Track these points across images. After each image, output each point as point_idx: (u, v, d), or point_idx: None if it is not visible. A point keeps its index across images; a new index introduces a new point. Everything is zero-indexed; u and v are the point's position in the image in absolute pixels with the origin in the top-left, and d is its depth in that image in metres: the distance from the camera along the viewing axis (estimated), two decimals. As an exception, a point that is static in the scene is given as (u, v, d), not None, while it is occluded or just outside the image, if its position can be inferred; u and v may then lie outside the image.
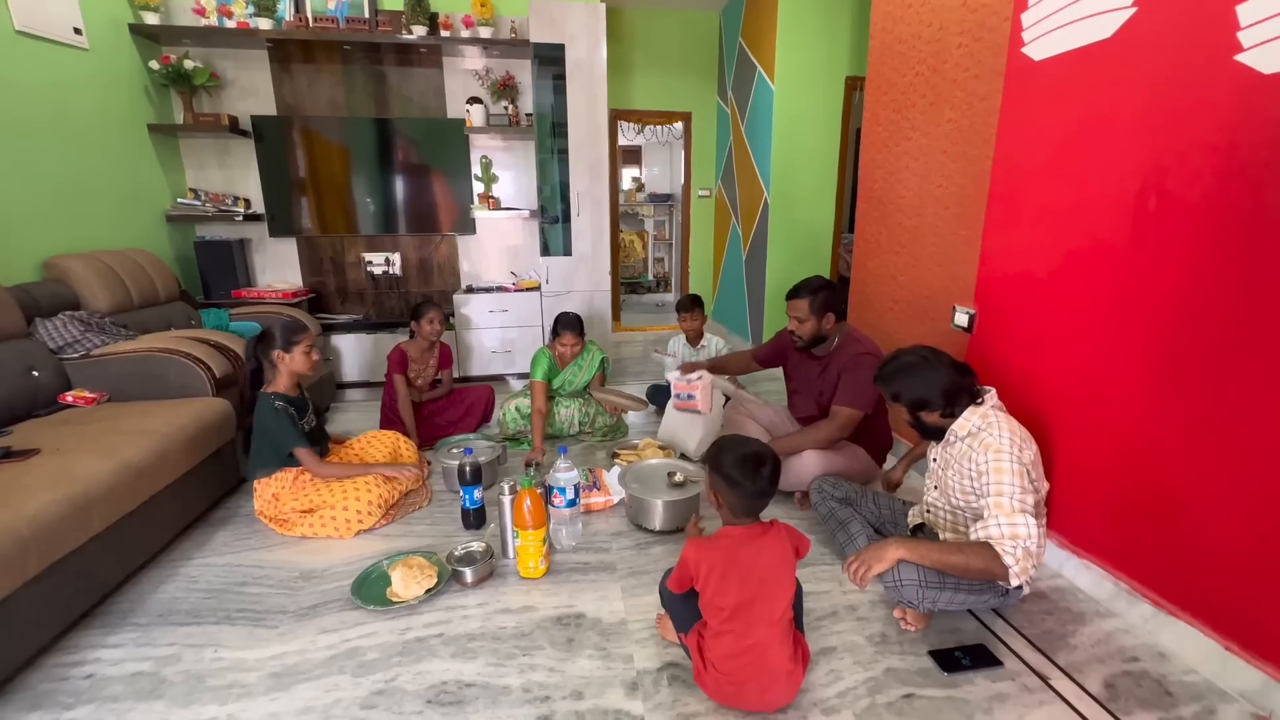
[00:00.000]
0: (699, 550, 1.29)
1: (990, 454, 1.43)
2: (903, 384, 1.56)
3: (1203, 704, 1.33)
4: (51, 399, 2.10)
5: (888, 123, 2.57)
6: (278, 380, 2.09)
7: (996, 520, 1.37)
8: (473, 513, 2.04)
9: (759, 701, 1.27)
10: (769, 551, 1.27)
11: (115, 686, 1.38)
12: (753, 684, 1.25)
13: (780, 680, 1.26)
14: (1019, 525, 1.36)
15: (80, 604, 1.56)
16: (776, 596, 1.25)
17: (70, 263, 2.48)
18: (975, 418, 1.51)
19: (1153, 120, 1.46)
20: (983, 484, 1.43)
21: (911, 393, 1.55)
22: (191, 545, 1.98)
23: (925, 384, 1.53)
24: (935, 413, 1.54)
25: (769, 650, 1.24)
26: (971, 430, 1.51)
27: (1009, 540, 1.35)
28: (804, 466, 2.08)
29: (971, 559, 1.37)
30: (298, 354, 2.07)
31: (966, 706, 1.32)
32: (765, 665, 1.24)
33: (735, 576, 1.24)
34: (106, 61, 2.88)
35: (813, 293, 2.12)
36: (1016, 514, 1.37)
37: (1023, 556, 1.35)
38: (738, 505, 1.29)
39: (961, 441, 1.53)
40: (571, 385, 2.89)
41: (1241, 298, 1.30)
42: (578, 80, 3.45)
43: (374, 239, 3.86)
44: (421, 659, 1.46)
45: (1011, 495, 1.38)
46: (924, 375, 1.53)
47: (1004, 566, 1.35)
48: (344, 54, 3.53)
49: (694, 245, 5.39)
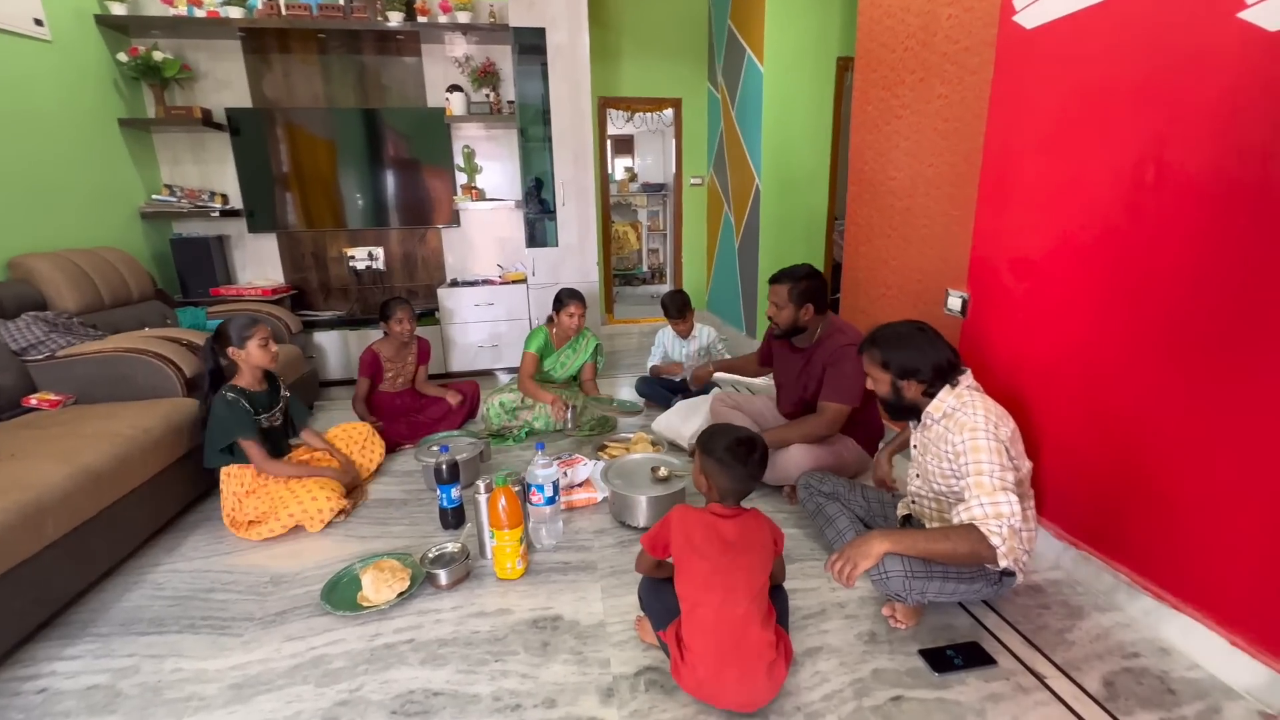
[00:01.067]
0: (683, 513, 1.30)
1: (966, 433, 1.39)
2: (896, 350, 1.51)
3: (1207, 702, 1.26)
4: (14, 402, 2.03)
5: (877, 101, 2.48)
6: (240, 376, 2.05)
7: (979, 500, 1.32)
8: (451, 512, 1.98)
9: (738, 693, 1.21)
10: (747, 533, 1.27)
11: (68, 701, 1.32)
12: (733, 668, 1.19)
13: (761, 671, 1.20)
14: (1001, 503, 1.30)
15: (37, 615, 1.50)
16: (754, 570, 1.23)
17: (36, 262, 2.41)
18: (950, 398, 1.47)
19: (1151, 87, 1.38)
20: (961, 464, 1.39)
21: (903, 360, 1.49)
22: (160, 550, 1.92)
23: (920, 354, 1.48)
24: (920, 386, 1.49)
25: (749, 626, 1.20)
26: (947, 411, 1.46)
27: (993, 520, 1.29)
28: (792, 461, 2.01)
29: (958, 544, 1.31)
30: (253, 348, 2.02)
31: (957, 709, 1.25)
32: (745, 640, 1.20)
33: (711, 548, 1.24)
34: (71, 54, 2.80)
35: (794, 280, 2.06)
36: (998, 492, 1.31)
37: (1009, 535, 1.29)
38: (727, 488, 1.29)
39: (937, 424, 1.49)
40: (564, 369, 2.82)
41: (1244, 274, 1.22)
42: (560, 66, 3.36)
43: (356, 233, 3.78)
44: (389, 667, 1.39)
45: (991, 473, 1.34)
46: (920, 345, 1.50)
47: (991, 548, 1.29)
48: (319, 42, 3.44)
49: (687, 235, 5.30)
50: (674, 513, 1.31)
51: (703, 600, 1.22)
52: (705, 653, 1.21)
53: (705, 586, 1.22)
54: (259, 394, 2.08)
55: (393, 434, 2.62)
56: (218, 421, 1.95)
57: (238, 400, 1.98)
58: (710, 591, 1.21)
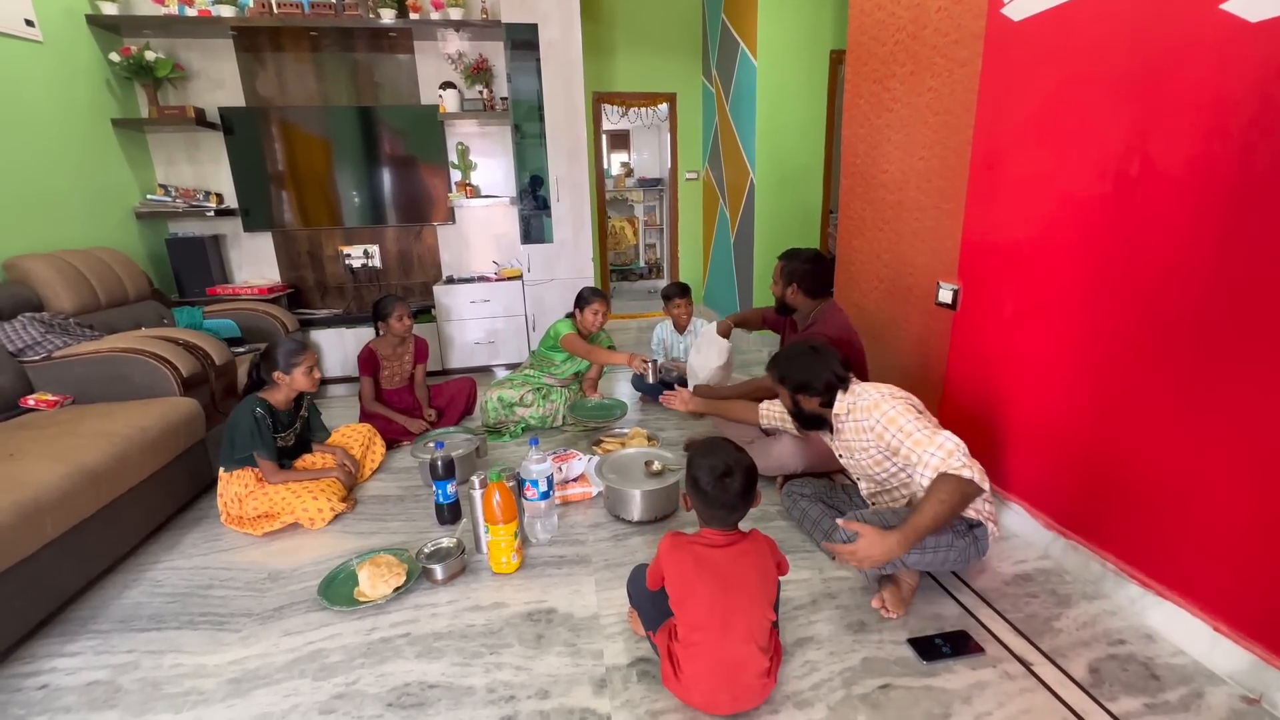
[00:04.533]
0: (672, 549, 1.24)
1: (874, 413, 1.53)
2: (789, 370, 1.70)
3: (1190, 687, 1.28)
4: (12, 403, 2.05)
5: (869, 95, 2.48)
6: (275, 393, 2.09)
7: (928, 453, 1.41)
8: (446, 508, 1.99)
9: (730, 708, 1.22)
10: (743, 562, 1.20)
11: (69, 697, 1.34)
12: (725, 695, 1.20)
13: (754, 691, 1.21)
14: (945, 442, 1.41)
15: (37, 612, 1.52)
16: (750, 610, 1.18)
17: (31, 263, 2.42)
18: (846, 398, 1.64)
19: (1134, 79, 1.39)
20: (888, 440, 1.50)
21: (797, 377, 1.68)
22: (160, 548, 1.94)
23: (810, 371, 1.66)
24: (815, 399, 1.67)
25: (745, 667, 1.18)
26: (848, 407, 1.63)
27: (951, 459, 1.38)
28: (783, 453, 2.03)
29: (946, 498, 1.35)
30: (298, 375, 2.07)
31: (945, 696, 1.27)
32: (739, 680, 1.19)
33: (704, 584, 1.18)
34: (63, 54, 2.80)
35: (788, 259, 2.23)
36: (936, 436, 1.43)
37: (969, 460, 1.39)
38: (705, 514, 1.25)
39: (845, 424, 1.65)
40: (574, 364, 2.84)
41: (1227, 263, 1.23)
42: (552, 61, 3.35)
43: (352, 231, 3.79)
44: (385, 660, 1.41)
45: (917, 429, 1.46)
46: (809, 362, 1.67)
47: (968, 480, 1.36)
48: (312, 40, 3.43)
49: (683, 230, 5.30)
50: (664, 546, 1.25)
51: (699, 639, 1.18)
52: (699, 680, 1.19)
53: (702, 624, 1.17)
54: (283, 413, 2.12)
55: (390, 431, 2.63)
56: (241, 435, 1.98)
57: (265, 418, 2.01)
58: (708, 631, 1.17)
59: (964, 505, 1.38)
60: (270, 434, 2.03)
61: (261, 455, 2.00)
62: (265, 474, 2.02)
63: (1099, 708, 1.24)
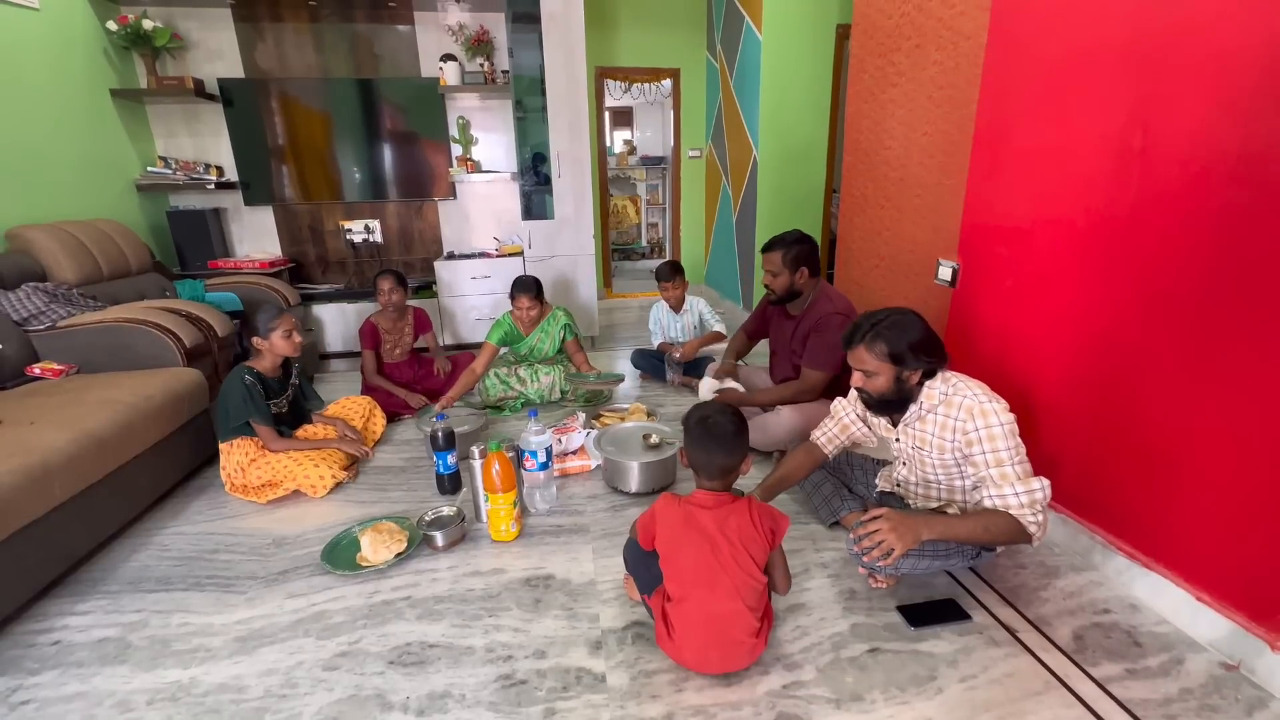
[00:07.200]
0: (665, 504, 1.28)
1: (979, 420, 1.35)
2: (903, 340, 1.40)
3: (1171, 654, 1.31)
4: (18, 371, 2.07)
5: (874, 69, 2.45)
6: (261, 360, 2.11)
7: (1013, 489, 1.32)
8: (447, 478, 2.02)
9: (720, 668, 1.26)
10: (729, 524, 1.22)
11: (81, 652, 1.38)
12: (715, 652, 1.24)
13: (744, 655, 1.25)
14: (1035, 490, 1.32)
15: (48, 573, 1.56)
16: (735, 572, 1.20)
17: (34, 233, 2.42)
18: (939, 384, 1.43)
19: (1139, 49, 1.37)
20: (975, 453, 1.36)
21: (915, 349, 1.40)
22: (166, 514, 1.98)
23: (927, 340, 1.41)
24: (918, 373, 1.42)
25: (732, 623, 1.21)
26: (940, 399, 1.42)
27: (1028, 508, 1.31)
28: (782, 425, 2.05)
29: (995, 531, 1.33)
30: (276, 338, 2.08)
31: (931, 660, 1.31)
32: (728, 635, 1.22)
33: (691, 541, 1.22)
34: (59, 22, 2.77)
35: (786, 246, 2.08)
36: (1030, 478, 1.33)
37: (1044, 520, 1.34)
38: (699, 462, 1.27)
39: (932, 413, 1.44)
40: (540, 352, 2.85)
41: (1229, 241, 1.23)
42: (554, 33, 3.30)
43: (353, 206, 3.78)
44: (387, 621, 1.45)
45: (1013, 461, 1.34)
46: (922, 330, 1.42)
47: (1029, 534, 1.33)
48: (311, 10, 3.39)
49: (685, 208, 5.27)
50: (659, 502, 1.30)
51: (689, 594, 1.22)
52: (690, 638, 1.23)
53: (691, 581, 1.21)
54: (272, 380, 2.14)
55: (391, 404, 2.66)
56: (234, 403, 2.00)
57: (255, 385, 2.03)
58: (695, 586, 1.21)
59: (999, 542, 1.39)
60: (263, 400, 2.05)
61: (258, 421, 2.02)
62: (265, 440, 2.05)
63: (1081, 672, 1.27)
